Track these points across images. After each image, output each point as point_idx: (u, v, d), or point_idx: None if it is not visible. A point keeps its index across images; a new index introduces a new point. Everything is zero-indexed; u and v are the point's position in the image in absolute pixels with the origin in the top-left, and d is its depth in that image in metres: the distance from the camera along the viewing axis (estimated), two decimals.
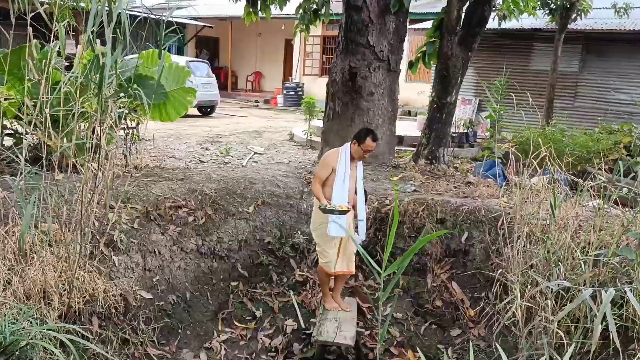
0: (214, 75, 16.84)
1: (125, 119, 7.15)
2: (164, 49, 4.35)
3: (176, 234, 5.29)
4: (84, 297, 4.15)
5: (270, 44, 25.97)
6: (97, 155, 6.58)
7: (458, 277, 5.42)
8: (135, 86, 6.07)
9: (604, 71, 12.75)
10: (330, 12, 8.71)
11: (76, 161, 4.13)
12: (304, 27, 9.01)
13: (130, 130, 7.25)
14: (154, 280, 4.96)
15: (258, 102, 23.09)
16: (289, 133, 11.87)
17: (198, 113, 16.37)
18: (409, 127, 12.87)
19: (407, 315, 5.30)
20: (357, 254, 5.97)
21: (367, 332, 5.13)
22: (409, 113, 19.43)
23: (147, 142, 10.22)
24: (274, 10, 9.50)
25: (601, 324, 2.64)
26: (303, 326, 5.22)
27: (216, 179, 6.33)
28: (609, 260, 3.25)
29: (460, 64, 8.25)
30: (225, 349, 4.92)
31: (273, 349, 5.02)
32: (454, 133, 10.37)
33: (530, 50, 13.52)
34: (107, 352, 3.97)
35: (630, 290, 2.62)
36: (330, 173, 4.68)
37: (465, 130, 10.81)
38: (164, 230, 5.25)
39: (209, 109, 16.48)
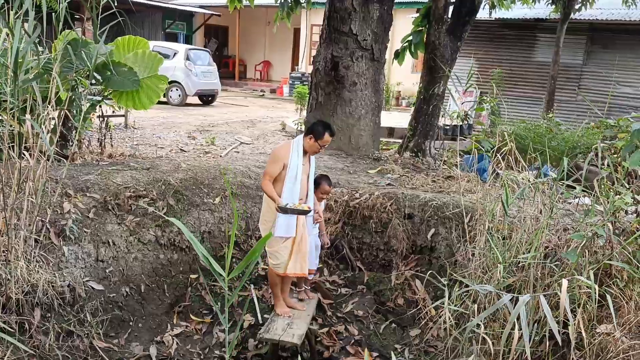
0: (214, 64, 16.72)
1: (100, 107, 7.10)
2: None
3: (134, 225, 5.17)
4: (24, 287, 4.07)
5: (280, 33, 25.61)
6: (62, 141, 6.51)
7: (423, 274, 5.22)
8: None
9: (609, 64, 12.34)
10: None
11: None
12: (285, 15, 8.80)
13: (105, 119, 7.17)
14: (107, 271, 4.86)
15: (264, 91, 22.96)
16: (281, 123, 11.71)
17: (199, 102, 16.30)
18: (407, 119, 12.57)
19: (368, 312, 5.13)
20: (322, 248, 5.85)
21: (325, 330, 4.97)
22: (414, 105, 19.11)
23: (136, 130, 10.21)
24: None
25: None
26: (260, 321, 5.08)
27: (185, 168, 6.20)
28: (538, 263, 3.04)
29: (448, 53, 8.01)
30: (177, 343, 4.80)
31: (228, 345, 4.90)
32: (447, 125, 10.11)
33: (533, 41, 13.15)
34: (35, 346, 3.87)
35: (551, 295, 2.42)
36: (282, 169, 4.45)
37: (460, 123, 10.51)
38: (120, 220, 5.14)
39: (209, 98, 16.39)
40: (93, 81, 6.54)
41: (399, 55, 8.53)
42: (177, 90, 14.92)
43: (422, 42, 8.16)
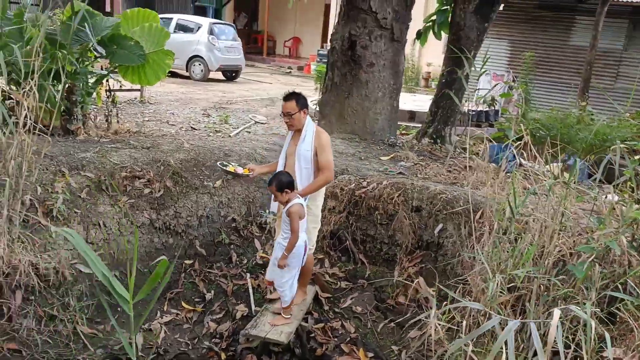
0: (239, 39, 16.41)
1: (107, 81, 6.92)
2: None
3: (127, 206, 4.98)
4: (3, 269, 3.92)
5: (310, 9, 25.23)
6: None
7: (428, 272, 4.92)
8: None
9: None
10: None
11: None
12: None
13: (112, 93, 6.98)
14: (97, 254, 4.67)
15: (291, 68, 22.58)
16: None
17: (222, 77, 16.07)
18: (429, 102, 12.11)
19: (367, 309, 4.85)
20: (329, 237, 5.57)
21: (320, 326, 4.71)
22: None
23: (151, 105, 10.03)
24: None
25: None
26: (254, 313, 4.86)
27: (187, 148, 5.98)
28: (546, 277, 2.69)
29: (474, 35, 7.54)
30: (166, 331, 4.62)
31: (218, 335, 4.70)
32: (472, 111, 9.63)
33: (571, 24, 12.42)
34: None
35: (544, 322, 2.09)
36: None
37: (486, 108, 10.01)
38: (114, 201, 4.95)
39: (233, 74, 16.13)
40: (98, 55, 6.37)
41: (421, 35, 8.08)
42: (199, 65, 14.69)
43: (446, 21, 7.70)
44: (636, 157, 3.16)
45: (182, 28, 14.81)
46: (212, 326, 4.75)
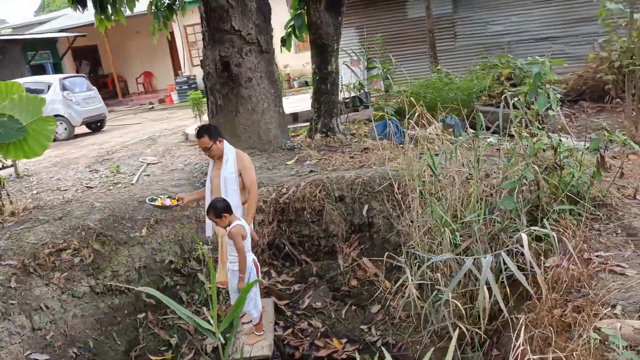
0: (94, 87, 15.79)
1: None
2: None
3: (63, 281, 4.84)
4: None
5: (153, 41, 24.73)
6: None
7: (368, 251, 5.33)
8: None
9: (476, 6, 13.01)
10: (184, 2, 8.19)
11: None
12: (161, 24, 8.43)
13: None
14: (47, 338, 4.52)
15: (153, 103, 22.06)
16: (183, 133, 11.34)
17: (88, 130, 15.39)
18: (306, 101, 12.62)
19: (326, 302, 5.16)
20: (267, 249, 5.78)
21: (289, 331, 4.94)
22: (306, 84, 19.20)
23: (29, 178, 9.47)
24: (134, 9, 8.86)
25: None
26: (224, 341, 4.95)
27: (100, 207, 5.86)
28: (482, 217, 3.18)
29: (332, 30, 8.07)
30: None
31: None
32: (347, 98, 10.25)
33: (404, 0, 13.56)
34: None
35: (509, 252, 2.54)
36: None
37: (357, 93, 10.69)
38: (47, 280, 4.78)
39: (98, 124, 15.50)
40: None
41: (285, 41, 8.48)
42: (61, 124, 13.95)
43: (304, 24, 8.16)
44: (519, 99, 3.77)
45: (30, 92, 13.94)
46: None
